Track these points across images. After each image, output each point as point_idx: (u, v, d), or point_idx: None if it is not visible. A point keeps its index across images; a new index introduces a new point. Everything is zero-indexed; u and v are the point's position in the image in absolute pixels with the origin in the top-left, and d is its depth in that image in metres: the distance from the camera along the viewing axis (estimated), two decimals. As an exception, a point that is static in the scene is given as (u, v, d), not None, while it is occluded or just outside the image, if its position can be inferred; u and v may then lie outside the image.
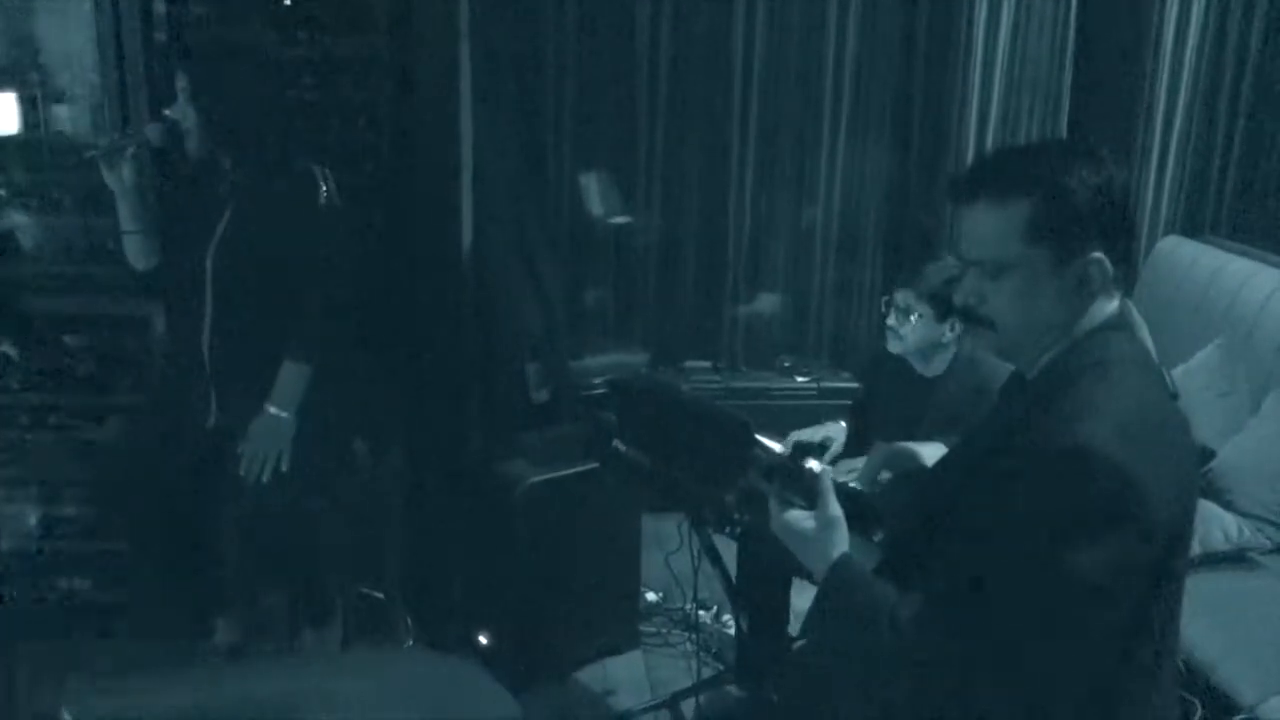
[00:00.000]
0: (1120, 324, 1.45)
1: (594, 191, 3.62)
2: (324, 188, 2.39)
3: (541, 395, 2.91)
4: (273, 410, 2.38)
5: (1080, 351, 1.43)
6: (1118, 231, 1.42)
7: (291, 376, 2.39)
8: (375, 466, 2.68)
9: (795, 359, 3.73)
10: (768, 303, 3.77)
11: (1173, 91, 3.45)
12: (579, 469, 2.66)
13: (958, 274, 2.08)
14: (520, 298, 3.00)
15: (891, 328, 2.45)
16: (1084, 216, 1.39)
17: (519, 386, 2.90)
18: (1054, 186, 1.39)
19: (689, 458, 2.13)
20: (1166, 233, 3.50)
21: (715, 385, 3.61)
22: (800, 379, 3.63)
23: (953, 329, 2.40)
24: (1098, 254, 1.41)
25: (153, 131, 2.36)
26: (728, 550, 2.42)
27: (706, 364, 3.72)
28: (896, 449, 1.98)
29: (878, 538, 1.56)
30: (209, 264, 2.37)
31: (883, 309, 2.48)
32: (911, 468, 1.94)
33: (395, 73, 2.79)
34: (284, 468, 2.39)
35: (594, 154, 3.60)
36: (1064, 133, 3.45)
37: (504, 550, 2.63)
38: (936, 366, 2.48)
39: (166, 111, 2.35)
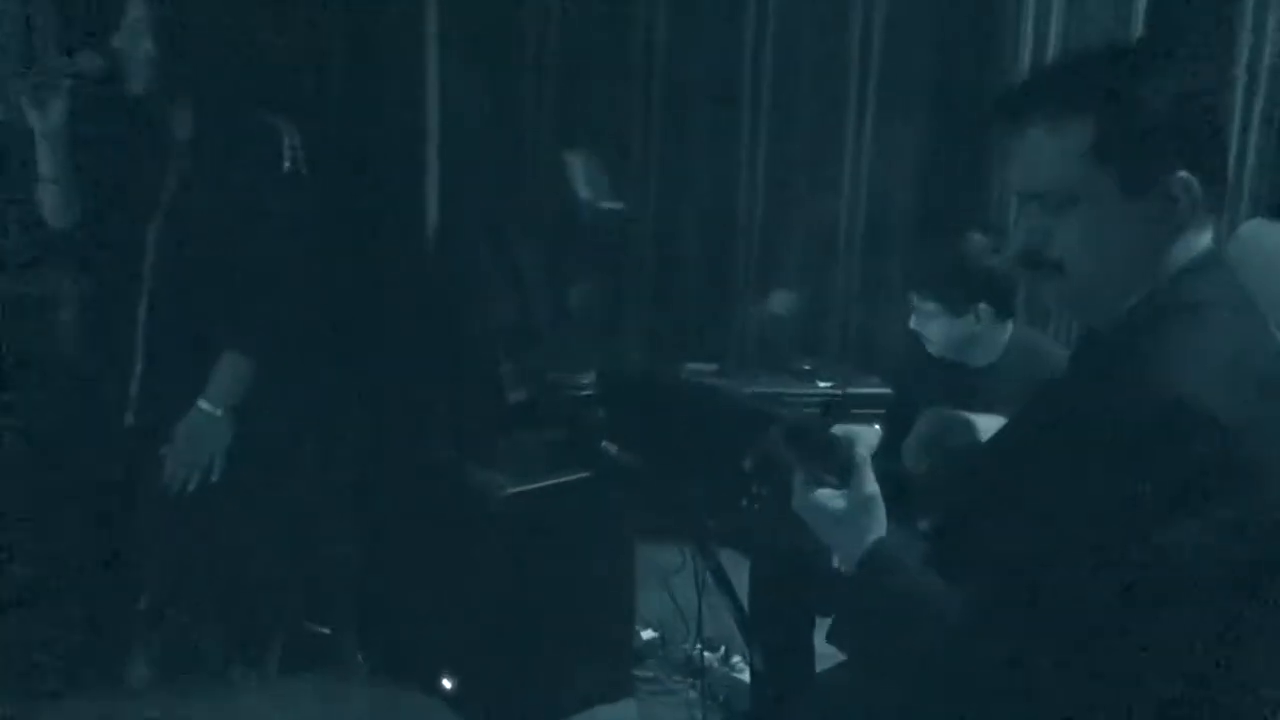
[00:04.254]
0: (1216, 260, 1.39)
1: (581, 172, 3.62)
2: (289, 146, 2.37)
3: (518, 396, 2.89)
4: (205, 407, 2.35)
5: (1168, 295, 1.37)
6: (1205, 146, 1.36)
7: (230, 369, 2.36)
8: (324, 477, 2.65)
9: (816, 362, 3.69)
10: (783, 300, 3.77)
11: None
12: (563, 479, 2.64)
13: (964, 256, 2.01)
14: (493, 286, 3.03)
15: (916, 332, 2.51)
16: (1162, 129, 1.33)
17: (492, 386, 2.88)
18: (1123, 95, 1.33)
19: (693, 457, 2.14)
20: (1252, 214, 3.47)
21: (723, 392, 3.59)
22: (823, 384, 3.59)
23: (978, 318, 2.44)
24: (1182, 174, 1.34)
25: (90, 62, 2.27)
26: (737, 571, 2.35)
27: (712, 367, 3.68)
28: (946, 418, 1.94)
29: (924, 525, 1.52)
30: (150, 233, 2.34)
31: (911, 319, 2.52)
32: (965, 442, 1.89)
33: (345, 19, 2.80)
34: (214, 477, 2.34)
35: (581, 128, 3.61)
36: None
37: (474, 576, 2.61)
38: (985, 355, 2.50)
39: (113, 41, 2.28)
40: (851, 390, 3.54)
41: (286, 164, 2.35)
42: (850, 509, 1.44)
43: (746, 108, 3.66)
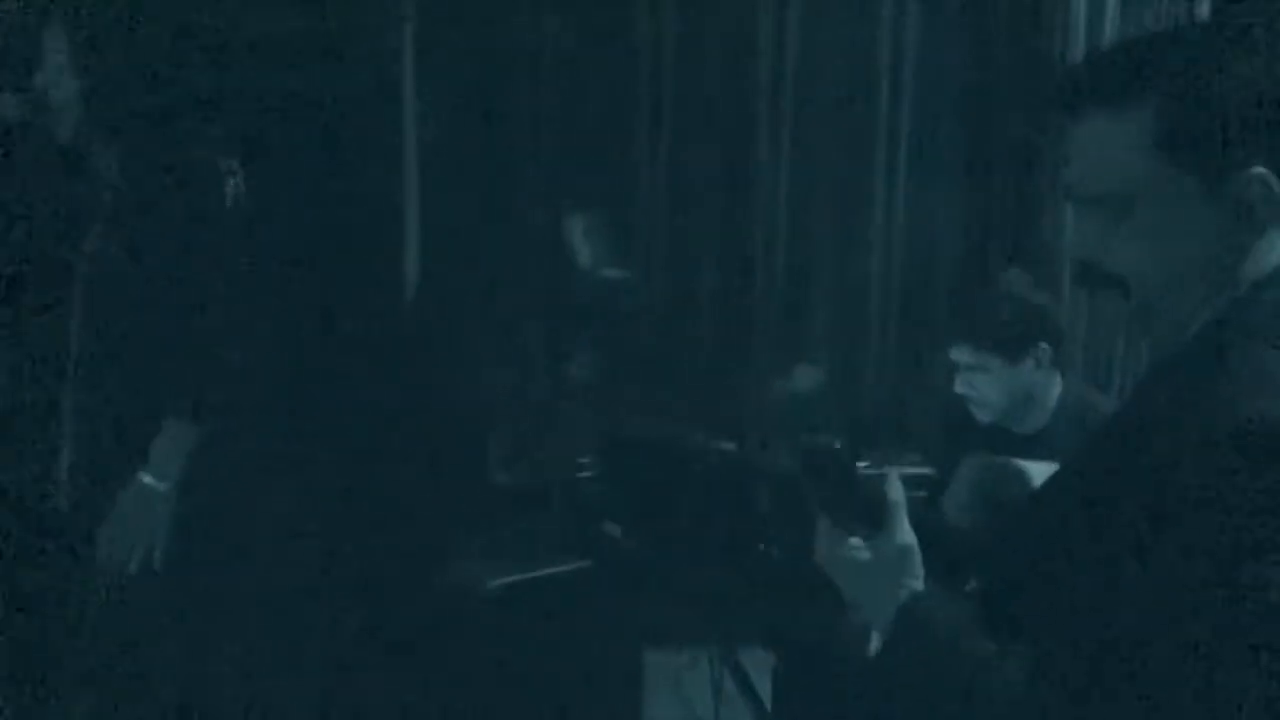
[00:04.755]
0: (1299, 269, 1.33)
1: (581, 237, 3.63)
2: (231, 184, 2.37)
3: (507, 477, 2.93)
4: (147, 481, 2.30)
5: (1249, 307, 1.30)
6: None
7: (174, 437, 2.32)
8: (283, 565, 2.58)
9: (846, 440, 3.61)
10: (808, 375, 3.72)
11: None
12: (557, 569, 2.64)
13: (1010, 295, 1.94)
14: (478, 355, 3.08)
15: (964, 396, 2.47)
16: (1236, 120, 1.27)
17: (476, 464, 2.92)
18: (1192, 80, 1.28)
19: (709, 538, 2.18)
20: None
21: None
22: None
23: (1039, 362, 2.42)
24: (1259, 170, 1.27)
25: (8, 105, 2.30)
26: (760, 671, 2.39)
27: (730, 446, 3.60)
28: (995, 465, 1.90)
29: (969, 587, 1.46)
30: (76, 290, 2.32)
31: (956, 383, 2.49)
32: (1017, 491, 1.83)
33: (319, 63, 2.82)
34: (156, 564, 2.29)
35: (580, 188, 3.60)
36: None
37: (457, 681, 2.58)
38: (1036, 420, 2.48)
39: (35, 79, 2.28)
40: (889, 469, 3.48)
41: (228, 202, 2.34)
42: (881, 560, 1.40)
43: (765, 162, 3.64)
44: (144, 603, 2.29)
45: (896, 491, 1.41)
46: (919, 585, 1.39)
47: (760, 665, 2.48)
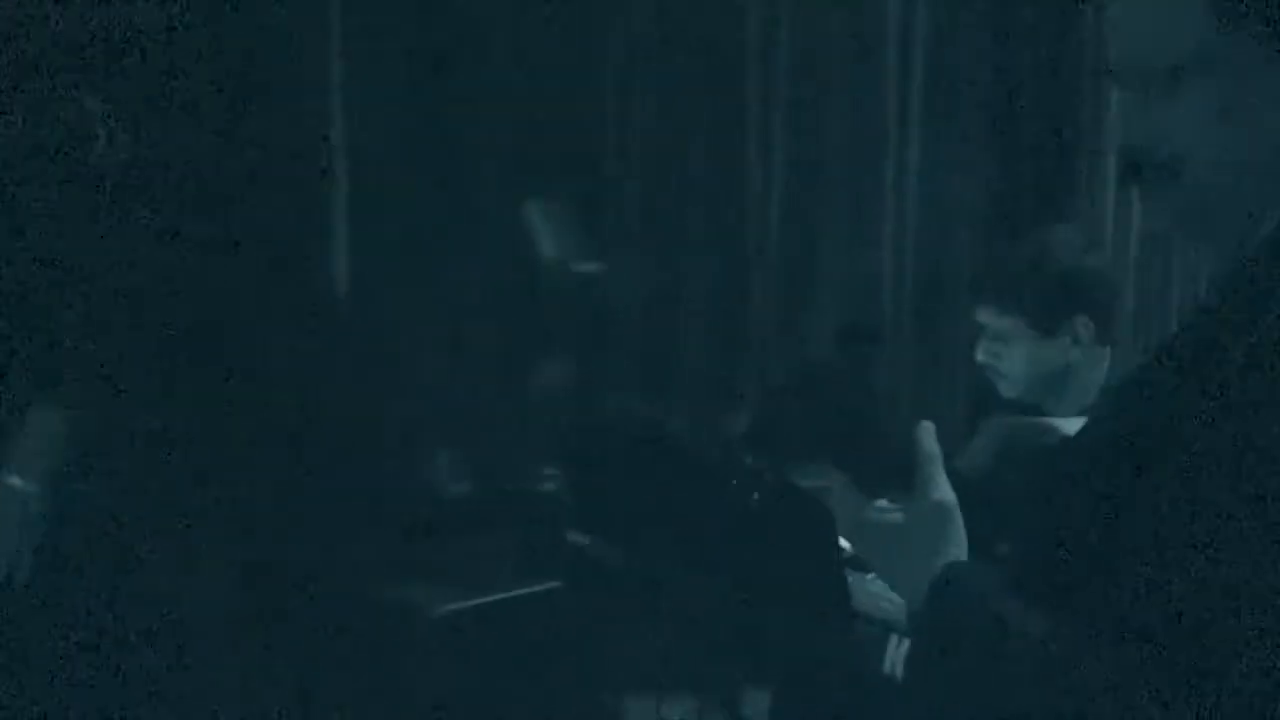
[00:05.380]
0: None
1: (546, 226, 3.52)
2: (104, 137, 2.31)
3: (459, 489, 2.91)
4: (12, 480, 2.27)
5: None
6: None
7: (41, 430, 2.30)
8: (184, 583, 2.51)
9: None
10: (811, 375, 3.55)
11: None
12: (517, 592, 2.62)
13: (1052, 254, 2.02)
14: (424, 355, 3.05)
15: (988, 366, 2.42)
16: None
17: (422, 477, 2.90)
18: None
19: (699, 543, 2.13)
20: None
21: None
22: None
23: (1077, 339, 2.36)
24: None
25: None
26: None
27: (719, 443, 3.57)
28: (1019, 424, 1.98)
29: (1000, 551, 1.46)
30: None
31: (977, 351, 2.46)
32: (1045, 442, 1.89)
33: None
34: (21, 575, 2.25)
35: (546, 170, 3.54)
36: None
37: None
38: (1077, 399, 2.37)
39: None
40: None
41: (99, 153, 2.29)
42: (915, 523, 1.40)
43: (754, 135, 3.60)
44: (10, 622, 2.26)
45: (930, 442, 1.41)
46: (962, 551, 1.37)
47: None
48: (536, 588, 2.58)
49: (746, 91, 3.59)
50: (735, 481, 2.08)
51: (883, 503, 1.43)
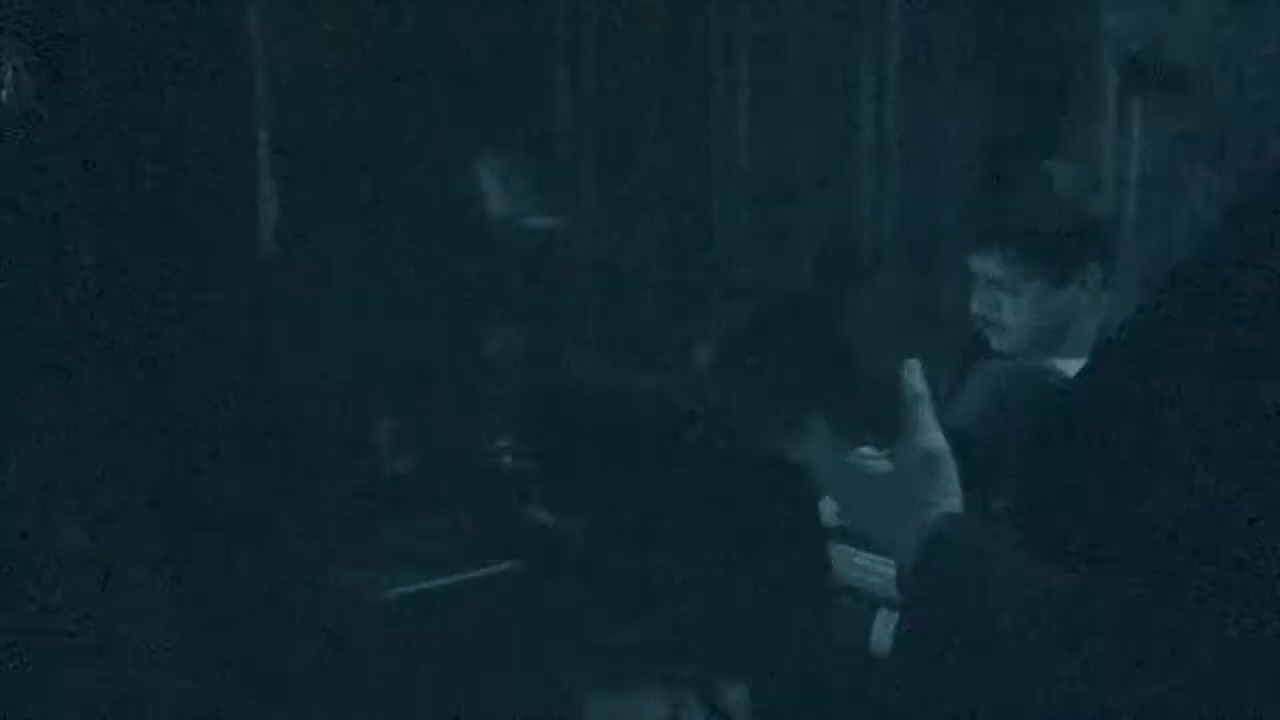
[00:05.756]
0: None
1: (495, 180, 3.55)
2: (9, 77, 2.34)
3: (403, 465, 2.91)
4: None
5: None
6: None
7: None
8: (105, 572, 2.52)
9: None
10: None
11: None
12: (473, 574, 2.59)
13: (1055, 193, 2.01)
14: (361, 320, 3.04)
15: (982, 317, 2.38)
16: None
17: (364, 451, 2.89)
18: None
19: (672, 512, 2.23)
20: None
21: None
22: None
23: (1085, 286, 2.32)
24: None
25: None
26: None
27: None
28: (1015, 368, 1.93)
29: (999, 503, 1.42)
30: None
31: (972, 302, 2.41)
32: (1045, 384, 1.85)
33: None
34: None
35: (492, 118, 3.54)
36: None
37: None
38: (1070, 351, 2.32)
39: None
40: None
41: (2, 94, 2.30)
42: (903, 472, 1.36)
43: (720, 74, 3.61)
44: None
45: (918, 382, 1.37)
46: (955, 503, 1.33)
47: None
48: (493, 568, 2.57)
49: (710, 24, 3.61)
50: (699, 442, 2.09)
51: (866, 449, 1.42)
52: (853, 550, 2.05)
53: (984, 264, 2.36)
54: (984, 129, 3.65)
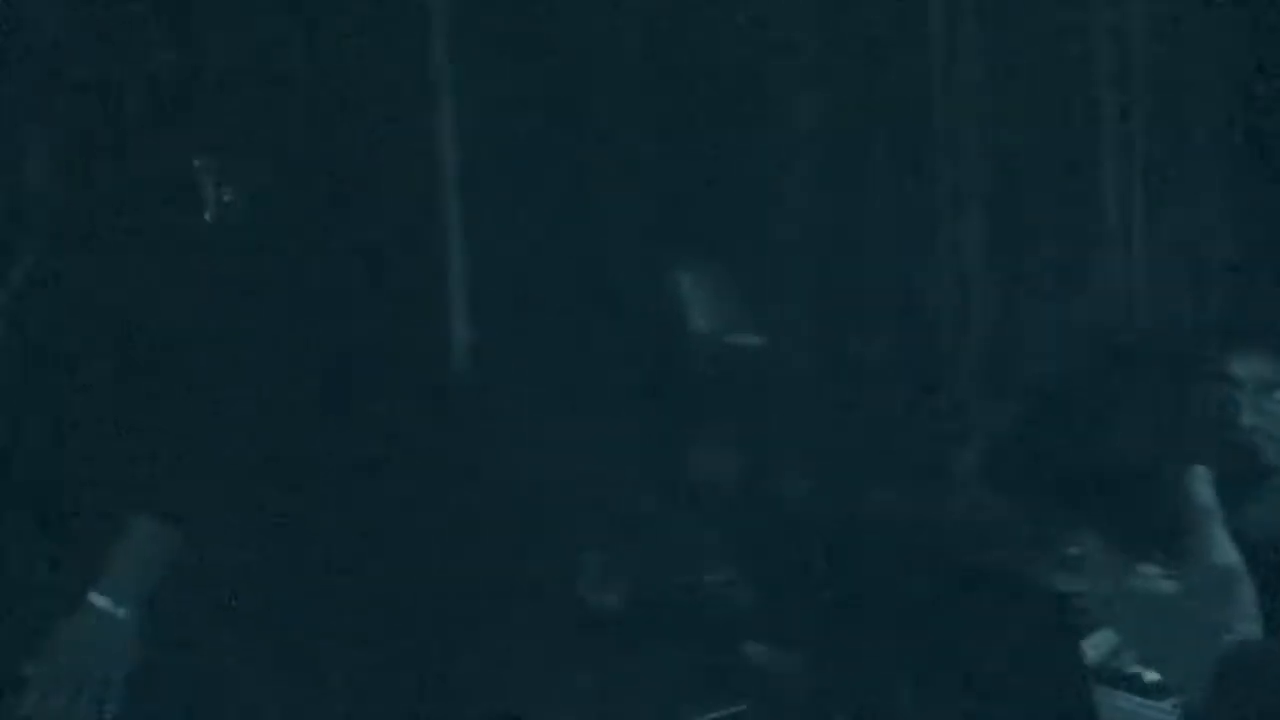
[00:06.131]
0: None
1: (695, 292, 3.56)
2: (213, 194, 2.40)
3: (608, 597, 2.96)
4: (101, 604, 2.29)
5: None
6: None
7: (142, 542, 2.31)
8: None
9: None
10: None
11: None
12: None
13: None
14: (564, 443, 3.07)
15: (1261, 430, 2.33)
16: None
17: (562, 582, 2.95)
18: None
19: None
20: None
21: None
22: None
23: None
24: None
25: None
26: None
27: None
28: None
29: None
30: None
31: (1227, 405, 2.38)
32: None
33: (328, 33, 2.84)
34: (111, 709, 2.27)
35: (684, 231, 3.56)
36: None
37: None
38: None
39: None
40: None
41: (210, 219, 2.37)
42: (1195, 592, 1.37)
43: (950, 171, 3.61)
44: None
45: (1207, 492, 1.41)
46: (1254, 628, 1.34)
47: None
48: (715, 715, 2.53)
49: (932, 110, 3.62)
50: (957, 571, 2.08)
51: (1151, 568, 1.43)
52: (1121, 694, 2.02)
53: (1250, 367, 2.35)
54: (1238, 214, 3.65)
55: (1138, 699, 2.00)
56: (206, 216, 2.38)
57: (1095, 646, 2.08)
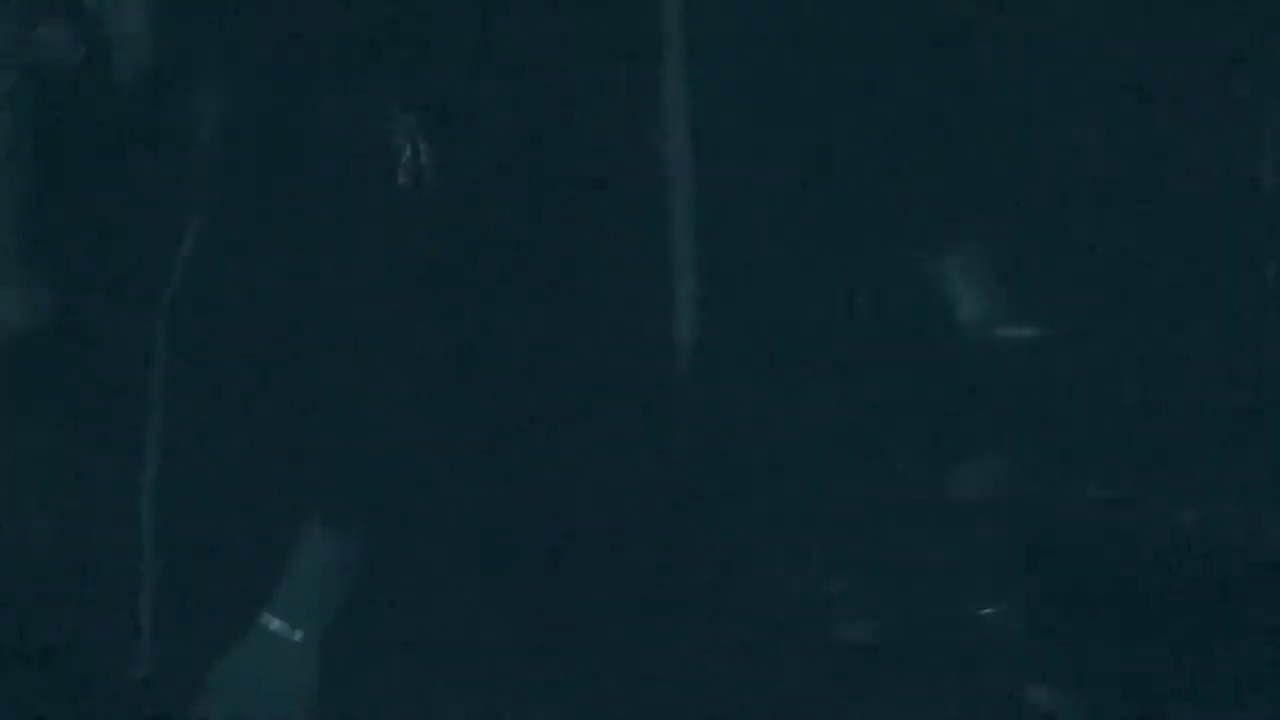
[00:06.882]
0: None
1: (964, 276, 3.48)
2: (407, 158, 2.40)
3: (858, 633, 2.87)
4: (275, 628, 2.31)
5: None
6: None
7: (321, 561, 2.32)
8: None
9: None
10: None
11: None
12: None
13: None
14: (798, 448, 3.05)
15: None
16: None
17: (816, 612, 2.87)
18: None
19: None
20: None
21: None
22: None
23: None
24: None
25: (50, 42, 2.32)
26: None
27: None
28: None
29: None
30: (160, 321, 2.35)
31: None
32: None
33: None
34: None
35: (956, 212, 3.44)
36: None
37: None
38: None
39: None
40: None
41: (404, 186, 2.34)
42: None
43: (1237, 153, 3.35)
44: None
45: None
46: None
47: None
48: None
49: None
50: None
51: None
52: None
53: None
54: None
55: None
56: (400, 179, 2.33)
57: None
